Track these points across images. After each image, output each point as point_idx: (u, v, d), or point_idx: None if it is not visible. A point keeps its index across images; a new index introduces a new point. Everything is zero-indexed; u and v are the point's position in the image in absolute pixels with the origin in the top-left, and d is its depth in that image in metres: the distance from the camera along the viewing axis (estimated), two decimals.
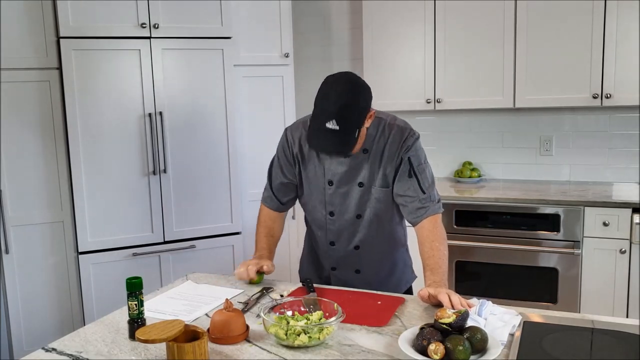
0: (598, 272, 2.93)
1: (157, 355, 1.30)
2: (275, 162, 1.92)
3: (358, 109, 1.60)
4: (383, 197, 1.78)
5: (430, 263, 1.66)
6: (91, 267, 2.88)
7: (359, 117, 1.61)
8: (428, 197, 1.74)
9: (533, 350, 1.25)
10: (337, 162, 1.77)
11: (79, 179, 2.81)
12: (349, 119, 1.57)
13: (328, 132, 1.56)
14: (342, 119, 1.56)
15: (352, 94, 1.60)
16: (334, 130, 1.56)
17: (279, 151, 1.90)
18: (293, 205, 1.98)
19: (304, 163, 1.84)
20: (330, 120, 1.56)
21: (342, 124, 1.56)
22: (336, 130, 1.56)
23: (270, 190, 1.94)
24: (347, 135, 1.58)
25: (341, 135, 1.57)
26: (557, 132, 3.51)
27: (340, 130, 1.56)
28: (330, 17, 4.00)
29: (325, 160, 1.79)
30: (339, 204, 1.81)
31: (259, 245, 1.90)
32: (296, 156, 1.84)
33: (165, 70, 2.90)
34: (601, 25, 3.02)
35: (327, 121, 1.56)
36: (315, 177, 1.83)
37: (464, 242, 3.16)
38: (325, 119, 1.56)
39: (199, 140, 3.01)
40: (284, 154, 1.88)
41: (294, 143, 1.85)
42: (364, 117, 1.62)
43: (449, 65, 3.40)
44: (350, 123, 1.58)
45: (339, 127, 1.56)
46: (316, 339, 1.31)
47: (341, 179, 1.78)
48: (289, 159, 1.86)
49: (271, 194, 1.94)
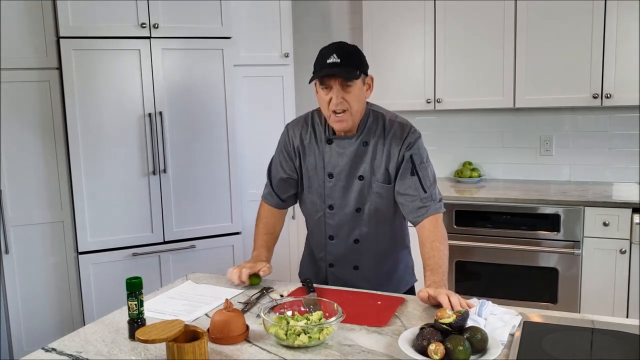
0: (598, 272, 2.93)
1: (157, 355, 1.30)
2: (276, 158, 1.93)
3: (357, 52, 1.71)
4: (384, 193, 1.78)
5: (431, 263, 1.66)
6: (91, 267, 2.88)
7: (360, 59, 1.70)
8: (429, 196, 1.73)
9: (533, 350, 1.25)
10: (338, 154, 1.78)
11: (79, 179, 2.81)
12: (349, 54, 1.67)
13: (330, 65, 1.65)
14: (342, 53, 1.66)
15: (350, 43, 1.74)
16: (334, 63, 1.65)
17: (280, 146, 1.91)
18: (294, 203, 1.97)
19: (304, 156, 1.84)
20: (331, 55, 1.66)
21: (343, 57, 1.65)
22: (337, 63, 1.65)
23: (270, 187, 1.94)
24: (349, 67, 1.65)
25: (341, 67, 1.65)
26: (557, 132, 3.51)
27: (341, 62, 1.64)
28: (330, 17, 4.00)
29: (325, 153, 1.80)
30: (338, 197, 1.81)
31: (257, 244, 1.89)
32: (297, 149, 1.85)
33: (165, 70, 2.90)
34: (601, 25, 3.02)
35: (329, 57, 1.66)
36: (315, 170, 1.83)
37: (464, 242, 3.16)
38: (326, 56, 1.67)
39: (199, 140, 3.01)
40: (284, 148, 1.89)
41: (294, 137, 1.86)
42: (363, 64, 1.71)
43: (449, 65, 3.40)
44: (350, 57, 1.67)
45: (340, 59, 1.65)
46: (316, 339, 1.31)
47: (341, 172, 1.79)
48: (289, 153, 1.87)
49: (271, 190, 1.94)
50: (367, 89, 1.75)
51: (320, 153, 1.82)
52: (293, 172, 1.89)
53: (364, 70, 1.71)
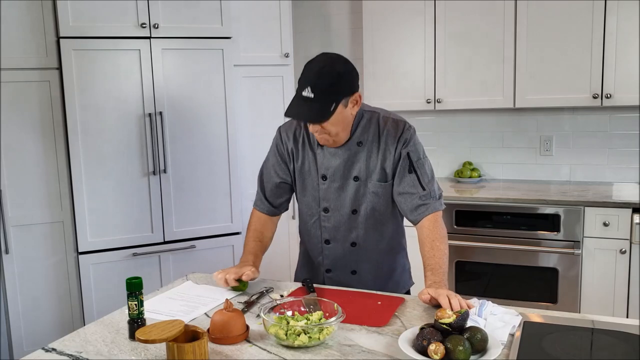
0: (598, 272, 2.93)
1: (157, 355, 1.30)
2: (269, 162, 1.89)
3: (336, 77, 1.59)
4: (381, 192, 1.76)
5: (431, 263, 1.64)
6: (91, 267, 2.88)
7: (337, 87, 1.59)
8: (428, 194, 1.71)
9: (533, 350, 1.25)
10: (331, 155, 1.75)
11: (79, 179, 2.81)
12: (324, 87, 1.57)
13: (303, 100, 1.58)
14: (317, 86, 1.56)
15: (331, 62, 1.60)
16: (308, 98, 1.57)
17: (273, 150, 1.88)
18: (286, 209, 1.95)
19: (297, 159, 1.82)
20: (306, 87, 1.57)
21: (318, 92, 1.56)
22: (311, 99, 1.56)
23: (261, 194, 1.91)
24: (322, 105, 1.57)
25: (316, 104, 1.57)
26: (557, 132, 3.51)
27: (315, 98, 1.56)
28: (330, 17, 4.00)
29: (318, 154, 1.78)
30: (333, 199, 1.79)
31: (246, 249, 1.85)
32: (291, 152, 1.83)
33: (165, 70, 2.90)
34: (601, 25, 3.02)
35: (304, 90, 1.58)
36: (308, 173, 1.81)
37: (464, 242, 3.16)
38: (302, 87, 1.58)
39: (199, 140, 3.01)
40: (277, 151, 1.86)
41: (288, 140, 1.83)
42: (343, 90, 1.61)
43: (449, 65, 3.40)
44: (325, 92, 1.57)
45: (314, 95, 1.56)
46: (316, 339, 1.31)
47: (335, 173, 1.76)
48: (283, 156, 1.85)
49: (262, 197, 1.90)
50: (353, 106, 1.67)
51: (313, 155, 1.79)
52: (287, 175, 1.86)
53: (345, 95, 1.62)
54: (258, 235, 1.89)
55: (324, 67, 1.59)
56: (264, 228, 1.91)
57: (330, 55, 1.65)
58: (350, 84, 1.64)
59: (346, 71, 1.62)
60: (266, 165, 1.91)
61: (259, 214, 1.92)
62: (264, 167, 1.92)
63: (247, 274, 1.69)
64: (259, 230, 1.90)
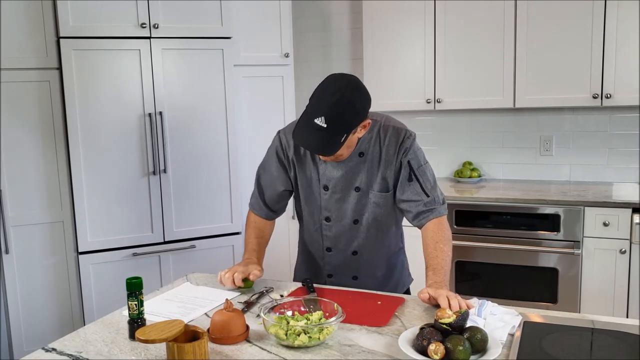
0: (598, 272, 2.93)
1: (157, 355, 1.30)
2: (269, 169, 1.85)
3: (352, 111, 1.53)
4: (382, 202, 1.76)
5: (433, 263, 1.65)
6: (91, 267, 2.88)
7: (351, 120, 1.54)
8: (432, 200, 1.71)
9: (533, 350, 1.25)
10: (333, 166, 1.73)
11: (79, 178, 2.81)
12: (339, 120, 1.51)
13: (314, 128, 1.51)
14: (332, 118, 1.50)
15: (349, 93, 1.53)
16: (320, 127, 1.50)
17: (272, 156, 1.83)
18: (283, 212, 1.94)
19: (299, 167, 1.79)
20: (319, 117, 1.50)
21: (331, 123, 1.50)
22: (323, 129, 1.50)
23: (259, 199, 1.89)
24: (333, 136, 1.52)
25: (326, 135, 1.51)
26: (557, 132, 3.51)
27: (327, 129, 1.50)
28: (330, 17, 4.00)
29: (320, 165, 1.76)
30: (335, 210, 1.78)
31: (249, 247, 1.85)
32: (292, 160, 1.79)
33: (165, 70, 2.90)
34: (601, 25, 3.02)
35: (316, 117, 1.51)
36: (310, 182, 1.79)
37: (464, 242, 3.16)
38: (315, 115, 1.51)
39: (199, 140, 3.01)
40: (277, 158, 1.81)
41: (288, 147, 1.79)
42: (356, 122, 1.56)
43: (449, 65, 3.40)
44: (339, 124, 1.51)
45: (327, 125, 1.50)
46: (316, 339, 1.31)
47: (337, 184, 1.75)
48: (283, 164, 1.81)
49: (260, 202, 1.89)
50: (361, 130, 1.62)
51: (315, 165, 1.77)
52: (289, 184, 1.83)
53: (356, 125, 1.56)
54: (258, 232, 1.88)
55: (341, 99, 1.51)
56: (263, 226, 1.91)
57: (348, 81, 1.56)
58: (363, 115, 1.58)
59: (362, 104, 1.56)
60: (265, 170, 1.87)
61: (256, 217, 1.91)
62: (263, 172, 1.88)
63: (254, 274, 1.70)
64: (258, 228, 1.89)
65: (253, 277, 1.70)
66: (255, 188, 1.91)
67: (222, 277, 1.71)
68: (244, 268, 1.72)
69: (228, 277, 1.70)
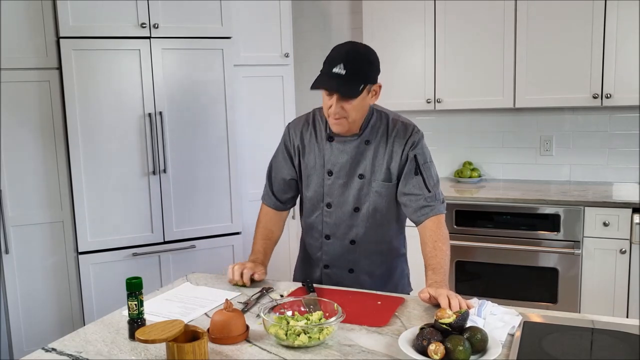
0: (598, 272, 2.93)
1: (157, 355, 1.30)
2: (277, 158, 1.93)
3: (367, 61, 1.65)
4: (384, 192, 1.78)
5: (432, 263, 1.65)
6: (91, 267, 2.88)
7: (368, 70, 1.65)
8: (433, 196, 1.73)
9: (533, 350, 1.25)
10: (339, 151, 1.78)
11: (79, 179, 2.81)
12: (356, 66, 1.61)
13: (334, 76, 1.61)
14: (350, 64, 1.60)
15: (363, 48, 1.68)
16: (339, 74, 1.60)
17: (281, 147, 1.92)
18: (293, 205, 1.98)
19: (304, 154, 1.85)
20: (337, 64, 1.61)
21: (349, 68, 1.60)
22: (342, 75, 1.60)
23: (269, 189, 1.95)
24: (352, 81, 1.62)
25: (346, 80, 1.61)
26: (557, 132, 3.51)
27: (345, 74, 1.60)
28: (330, 17, 4.00)
29: (326, 150, 1.80)
30: (337, 195, 1.81)
31: (255, 248, 1.90)
32: (297, 148, 1.85)
33: (165, 70, 2.90)
34: (601, 25, 3.02)
35: (334, 66, 1.61)
36: (314, 168, 1.83)
37: (464, 242, 3.16)
38: (333, 64, 1.62)
39: (199, 140, 3.01)
40: (285, 149, 1.89)
41: (295, 136, 1.86)
42: (371, 75, 1.67)
43: (449, 65, 3.40)
44: (357, 70, 1.62)
45: (345, 71, 1.60)
46: (316, 339, 1.31)
47: (341, 169, 1.79)
48: (290, 153, 1.88)
49: (270, 192, 1.95)
50: (372, 96, 1.72)
51: (320, 150, 1.82)
52: (294, 172, 1.89)
53: (371, 81, 1.68)
54: (267, 233, 1.93)
55: (356, 51, 1.65)
56: (272, 225, 1.95)
57: (360, 43, 1.71)
58: (376, 72, 1.70)
59: (374, 59, 1.70)
60: (275, 161, 1.94)
61: (267, 210, 1.96)
62: (273, 162, 1.95)
63: (258, 274, 1.76)
64: (268, 228, 1.94)
65: (258, 278, 1.76)
66: (266, 179, 1.97)
67: (231, 271, 1.77)
68: (253, 265, 1.79)
69: (237, 269, 1.76)
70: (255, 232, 1.94)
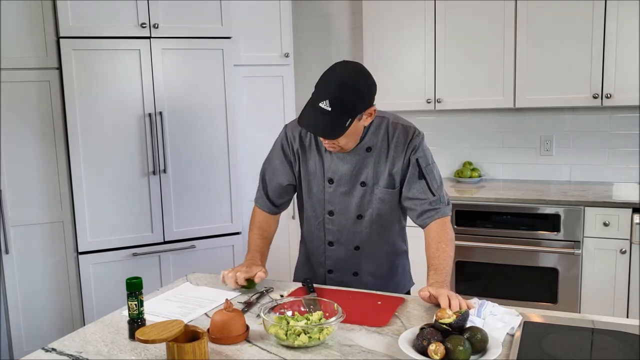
0: (598, 272, 2.93)
1: (157, 355, 1.30)
2: (273, 161, 1.86)
3: (356, 95, 1.54)
4: (388, 198, 1.76)
5: (435, 263, 1.64)
6: (91, 267, 2.88)
7: (355, 104, 1.55)
8: (438, 199, 1.71)
9: (533, 350, 1.25)
10: (340, 159, 1.74)
11: (79, 179, 2.81)
12: (343, 103, 1.52)
13: (319, 112, 1.53)
14: (336, 101, 1.51)
15: (354, 78, 1.55)
16: (325, 111, 1.52)
17: (277, 150, 1.84)
18: (287, 207, 1.94)
19: (304, 159, 1.80)
20: (324, 100, 1.52)
21: (335, 106, 1.51)
22: (327, 112, 1.51)
23: (263, 192, 1.89)
24: (337, 119, 1.53)
25: (331, 118, 1.52)
26: (557, 132, 3.51)
27: (331, 112, 1.51)
28: (330, 17, 4.00)
29: (325, 158, 1.76)
30: (339, 203, 1.78)
31: (251, 248, 1.85)
32: (296, 152, 1.80)
33: (165, 70, 2.90)
34: (601, 25, 3.02)
35: (321, 101, 1.52)
36: (314, 175, 1.79)
37: (464, 242, 3.15)
38: (320, 99, 1.53)
39: (199, 140, 3.01)
40: (282, 152, 1.82)
41: (294, 140, 1.80)
42: (361, 107, 1.57)
43: (449, 65, 3.40)
44: (343, 107, 1.52)
45: (331, 108, 1.51)
46: (316, 339, 1.31)
47: (342, 178, 1.75)
48: (288, 157, 1.82)
49: (264, 195, 1.89)
50: (367, 118, 1.63)
51: (320, 158, 1.77)
52: (292, 178, 1.83)
53: (359, 112, 1.58)
54: (262, 232, 1.88)
55: (346, 82, 1.53)
56: (267, 225, 1.90)
57: (353, 66, 1.59)
58: (368, 100, 1.60)
59: (367, 88, 1.58)
60: (270, 164, 1.88)
61: (261, 212, 1.91)
62: (268, 165, 1.89)
63: (259, 275, 1.70)
64: (263, 228, 1.89)
65: (258, 279, 1.70)
66: (260, 182, 1.91)
67: (225, 277, 1.71)
68: (247, 269, 1.72)
69: (231, 276, 1.70)
70: (250, 231, 1.89)
